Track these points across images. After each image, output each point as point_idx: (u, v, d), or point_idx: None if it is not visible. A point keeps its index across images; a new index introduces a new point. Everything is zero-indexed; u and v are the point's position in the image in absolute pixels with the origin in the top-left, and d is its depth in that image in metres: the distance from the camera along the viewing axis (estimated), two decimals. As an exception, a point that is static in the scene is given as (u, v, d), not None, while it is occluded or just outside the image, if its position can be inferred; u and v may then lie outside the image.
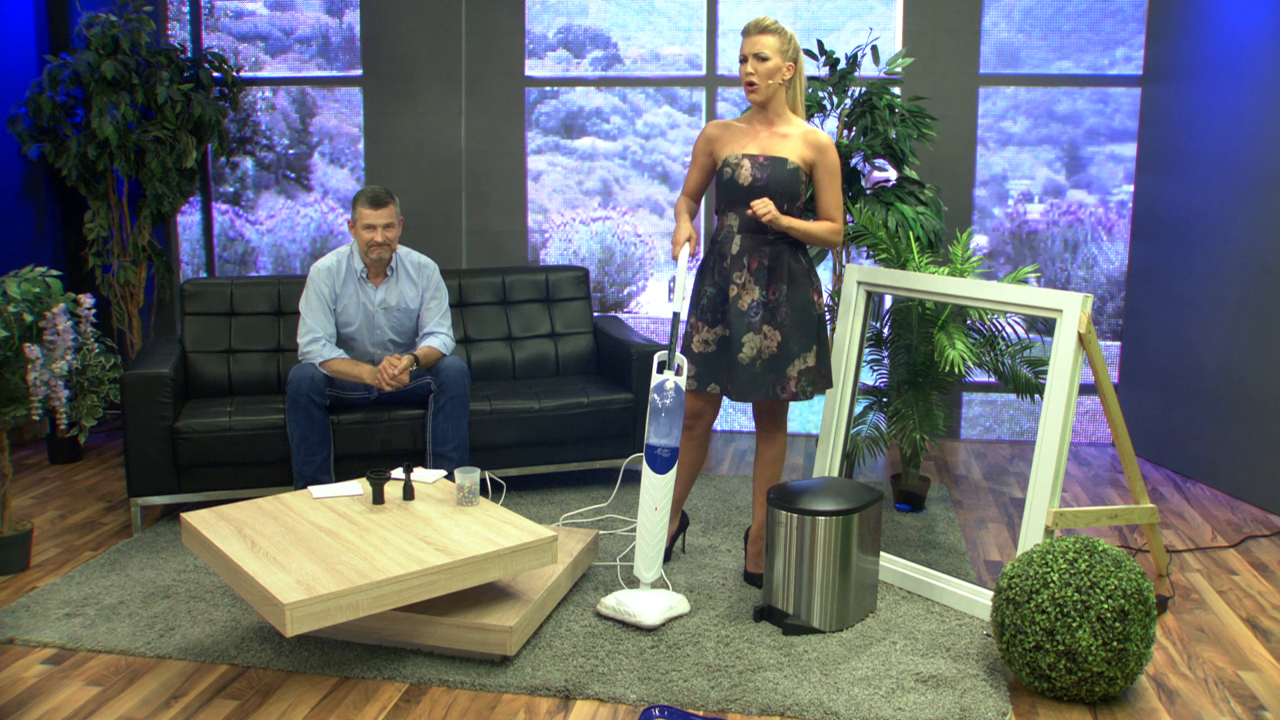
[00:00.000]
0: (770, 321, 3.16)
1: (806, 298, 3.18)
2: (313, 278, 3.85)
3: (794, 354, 3.17)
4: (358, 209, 3.77)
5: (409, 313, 3.95)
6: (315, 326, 3.81)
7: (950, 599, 3.18)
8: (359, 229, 3.79)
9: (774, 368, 3.17)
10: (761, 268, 3.15)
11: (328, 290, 3.84)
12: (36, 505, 4.12)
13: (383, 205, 3.77)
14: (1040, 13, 4.99)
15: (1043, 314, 3.14)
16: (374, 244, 3.78)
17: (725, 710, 2.58)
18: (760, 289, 3.15)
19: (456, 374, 3.82)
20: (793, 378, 3.17)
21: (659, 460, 3.07)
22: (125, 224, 5.09)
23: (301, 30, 5.50)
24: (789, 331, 3.16)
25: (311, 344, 3.80)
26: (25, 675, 2.76)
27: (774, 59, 3.09)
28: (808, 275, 3.20)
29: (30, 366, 3.23)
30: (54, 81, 4.79)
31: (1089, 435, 5.20)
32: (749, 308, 3.15)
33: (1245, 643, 3.00)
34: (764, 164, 3.13)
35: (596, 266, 5.47)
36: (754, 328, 3.15)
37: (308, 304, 3.83)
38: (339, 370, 3.79)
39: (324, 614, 2.49)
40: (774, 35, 3.09)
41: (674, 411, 3.06)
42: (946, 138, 4.90)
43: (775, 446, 3.34)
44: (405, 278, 3.93)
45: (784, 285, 3.15)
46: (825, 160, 3.16)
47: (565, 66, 5.38)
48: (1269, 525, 4.00)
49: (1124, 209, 5.04)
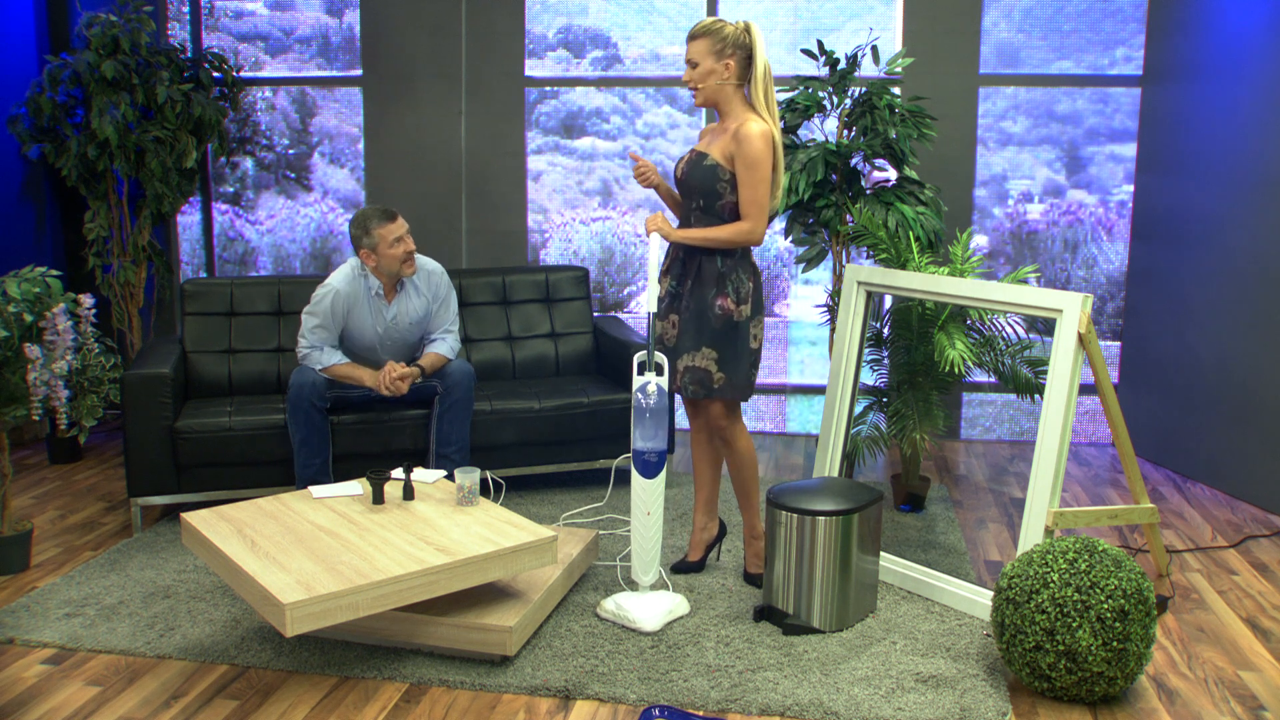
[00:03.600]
0: (675, 311, 3.21)
1: (706, 301, 3.13)
2: (327, 298, 3.75)
3: (684, 349, 3.19)
4: (376, 231, 3.67)
5: (418, 325, 3.92)
6: (316, 342, 3.77)
7: (950, 599, 3.18)
8: (385, 249, 3.69)
9: (671, 360, 3.22)
10: (677, 260, 3.22)
11: (342, 310, 3.77)
12: (36, 505, 4.12)
13: (395, 216, 3.73)
14: (1040, 13, 4.99)
15: (1043, 314, 3.13)
16: (405, 256, 3.74)
17: (725, 710, 2.58)
18: (674, 280, 3.21)
19: (462, 377, 3.83)
20: (679, 372, 3.20)
21: (647, 465, 3.02)
22: (125, 224, 5.09)
23: (301, 30, 5.50)
24: (683, 327, 3.19)
25: (310, 350, 3.77)
26: (25, 675, 2.76)
27: (704, 62, 3.07)
28: (716, 279, 3.12)
29: (30, 366, 3.23)
30: (54, 81, 4.79)
31: (1089, 435, 5.20)
32: (664, 296, 3.23)
33: (1245, 643, 3.00)
34: (691, 160, 3.16)
35: (596, 266, 5.47)
36: (663, 315, 3.23)
37: (316, 317, 3.76)
38: (340, 374, 3.79)
39: (324, 614, 2.49)
40: (703, 38, 3.07)
41: (658, 413, 3.01)
42: (946, 138, 4.90)
43: (735, 453, 3.28)
44: (413, 290, 3.88)
45: (689, 282, 3.18)
46: (742, 151, 3.00)
47: (565, 66, 5.38)
48: (1269, 525, 4.00)
49: (1124, 209, 5.04)
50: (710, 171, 3.08)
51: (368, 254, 3.72)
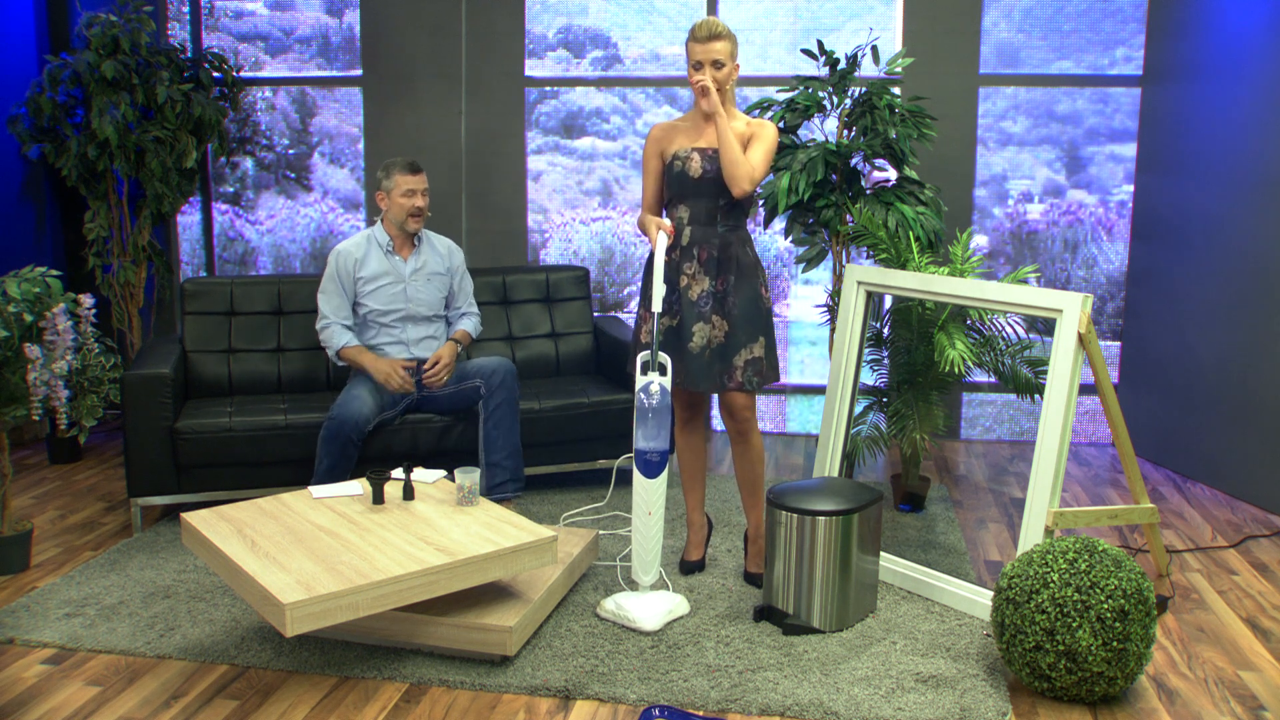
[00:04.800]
0: (719, 311, 3.18)
1: (754, 289, 3.20)
2: (331, 261, 3.86)
3: (740, 344, 3.18)
4: (395, 176, 3.79)
5: (442, 281, 3.98)
6: (328, 312, 3.85)
7: (950, 599, 3.18)
8: (397, 196, 3.80)
9: (722, 358, 3.19)
10: (710, 259, 3.18)
11: (347, 272, 3.84)
12: (36, 505, 4.12)
13: (419, 171, 3.82)
14: (1040, 13, 4.99)
15: (1043, 314, 3.13)
16: (414, 210, 3.81)
17: (725, 710, 2.59)
18: (710, 279, 3.18)
19: (506, 376, 3.78)
20: (739, 368, 3.18)
21: (649, 465, 3.04)
22: (125, 224, 5.09)
23: (301, 30, 5.50)
24: (736, 322, 3.18)
25: (325, 326, 3.85)
26: (25, 675, 2.76)
27: (728, 64, 3.11)
28: (755, 267, 3.23)
29: (30, 366, 3.23)
30: (54, 81, 4.79)
31: (1089, 435, 5.20)
32: (699, 298, 3.18)
33: (1245, 643, 3.00)
34: (713, 155, 3.16)
35: (596, 266, 5.47)
36: (704, 317, 3.18)
37: (323, 289, 3.87)
38: (349, 358, 3.83)
39: (324, 614, 2.48)
40: (726, 40, 3.09)
41: (661, 413, 3.02)
42: (946, 138, 4.90)
43: (751, 448, 3.30)
44: (430, 249, 3.97)
45: (732, 276, 3.18)
46: (763, 132, 3.17)
47: (565, 66, 5.38)
48: (1269, 525, 4.00)
49: (1124, 209, 5.04)
50: None
51: (382, 196, 3.84)
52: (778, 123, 4.41)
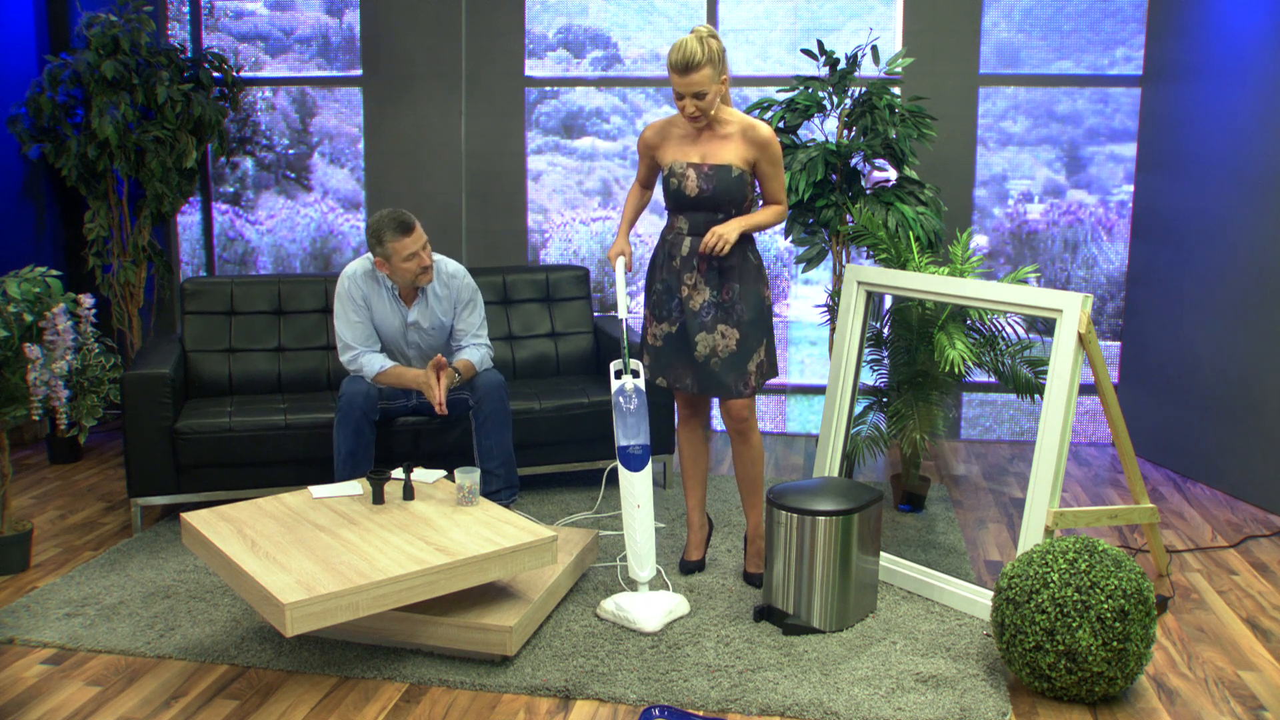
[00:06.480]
0: (726, 320, 3.17)
1: (759, 294, 3.20)
2: (344, 287, 3.68)
3: (752, 350, 3.19)
4: (389, 244, 3.51)
5: (441, 330, 3.81)
6: (353, 341, 3.67)
7: (950, 599, 3.18)
8: (399, 263, 3.55)
9: (735, 366, 3.18)
10: (711, 269, 3.17)
11: (360, 295, 3.68)
12: (36, 505, 4.12)
13: (412, 228, 3.54)
14: (1040, 13, 4.99)
15: (1043, 314, 3.14)
16: (421, 270, 3.60)
17: (725, 710, 2.59)
18: (712, 290, 3.17)
19: (492, 389, 3.68)
20: (752, 373, 3.20)
21: (632, 459, 3.10)
22: (125, 224, 5.09)
23: (301, 30, 5.50)
24: (746, 329, 3.18)
25: (355, 359, 3.67)
26: (25, 675, 2.76)
27: (710, 90, 3.00)
28: (758, 270, 3.23)
29: (30, 366, 3.23)
30: (54, 81, 4.79)
31: (1089, 435, 5.20)
32: (701, 308, 3.17)
33: (1245, 643, 3.00)
34: (709, 174, 3.12)
35: (596, 266, 5.47)
36: (707, 327, 3.17)
37: (342, 318, 3.68)
38: (389, 380, 3.67)
39: (324, 614, 2.48)
40: (705, 67, 2.94)
41: (639, 412, 3.11)
42: (946, 138, 4.90)
43: (751, 448, 3.30)
44: (433, 296, 3.75)
45: (736, 285, 3.17)
46: (768, 154, 3.13)
47: (565, 66, 5.38)
48: (1269, 525, 4.00)
49: (1124, 209, 5.04)
50: (739, 181, 3.13)
51: (381, 263, 3.60)
52: (777, 123, 4.41)
